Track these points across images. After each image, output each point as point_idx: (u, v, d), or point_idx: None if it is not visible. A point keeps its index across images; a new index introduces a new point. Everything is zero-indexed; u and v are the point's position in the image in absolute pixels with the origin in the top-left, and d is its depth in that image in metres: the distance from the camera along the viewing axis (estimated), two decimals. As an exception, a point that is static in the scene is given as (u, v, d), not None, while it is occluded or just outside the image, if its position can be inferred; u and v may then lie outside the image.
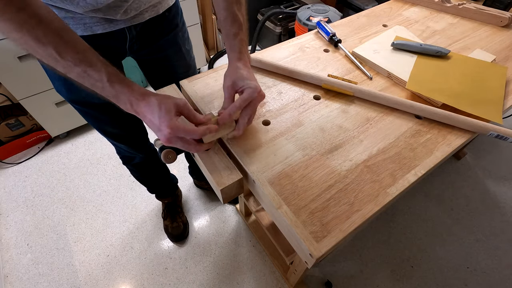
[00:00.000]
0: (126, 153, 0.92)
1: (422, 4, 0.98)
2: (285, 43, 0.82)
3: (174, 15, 0.70)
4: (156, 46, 0.70)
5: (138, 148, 0.88)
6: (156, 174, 1.08)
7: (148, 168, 1.01)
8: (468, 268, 1.11)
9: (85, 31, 0.55)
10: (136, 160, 0.94)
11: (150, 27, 0.65)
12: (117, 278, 1.10)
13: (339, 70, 0.73)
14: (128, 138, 0.83)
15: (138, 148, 0.88)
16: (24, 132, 1.51)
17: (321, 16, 1.54)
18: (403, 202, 1.30)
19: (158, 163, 1.04)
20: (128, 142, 0.84)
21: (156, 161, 1.02)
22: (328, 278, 1.08)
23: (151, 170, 1.04)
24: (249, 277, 1.09)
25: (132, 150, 0.88)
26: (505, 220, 1.24)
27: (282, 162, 0.53)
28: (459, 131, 0.59)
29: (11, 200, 1.34)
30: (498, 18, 0.86)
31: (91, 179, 1.41)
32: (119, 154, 0.95)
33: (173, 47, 0.73)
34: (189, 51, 0.79)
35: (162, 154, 0.50)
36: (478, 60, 0.73)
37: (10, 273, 1.12)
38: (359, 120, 0.61)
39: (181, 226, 1.20)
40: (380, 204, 0.48)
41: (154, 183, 1.13)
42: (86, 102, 0.67)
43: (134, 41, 0.64)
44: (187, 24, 1.62)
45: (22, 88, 1.27)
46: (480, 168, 1.43)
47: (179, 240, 1.20)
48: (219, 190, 0.49)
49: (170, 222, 1.20)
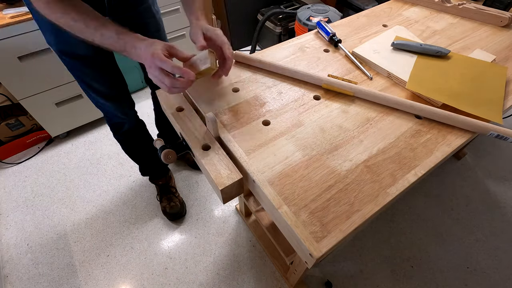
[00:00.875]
0: (115, 119, 0.97)
1: (422, 4, 0.98)
2: (285, 43, 0.82)
3: None
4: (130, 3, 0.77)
5: (124, 108, 0.94)
6: (145, 145, 1.12)
7: (137, 138, 1.08)
8: (468, 268, 1.11)
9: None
10: (125, 128, 1.00)
11: None
12: (117, 278, 1.10)
13: (339, 70, 0.73)
14: (113, 96, 0.88)
15: (125, 109, 0.95)
16: (24, 132, 1.51)
17: (321, 16, 1.54)
18: (403, 202, 1.30)
19: (146, 135, 1.12)
20: (113, 99, 0.89)
21: (144, 131, 1.10)
22: (328, 278, 1.08)
23: (140, 140, 1.09)
24: (249, 277, 1.09)
25: (119, 113, 0.94)
26: (505, 220, 1.24)
27: (282, 162, 0.53)
28: (459, 131, 0.59)
29: (11, 200, 1.34)
30: (498, 18, 0.86)
31: (91, 179, 1.41)
32: (109, 123, 1.01)
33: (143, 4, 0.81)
34: (158, 11, 0.88)
35: (162, 154, 0.50)
36: (478, 60, 0.73)
37: (10, 273, 1.12)
38: (359, 120, 0.61)
39: (178, 204, 1.23)
40: (380, 204, 0.48)
41: (144, 158, 1.17)
42: (73, 54, 0.74)
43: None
44: (187, 24, 1.63)
45: (22, 88, 1.27)
46: (480, 168, 1.43)
47: (177, 219, 1.23)
48: (219, 190, 0.49)
49: (167, 203, 1.23)
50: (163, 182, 1.28)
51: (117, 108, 0.92)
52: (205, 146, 0.55)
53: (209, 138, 0.56)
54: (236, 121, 0.61)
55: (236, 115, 0.62)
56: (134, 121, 1.02)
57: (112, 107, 0.91)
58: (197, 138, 0.56)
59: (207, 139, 0.56)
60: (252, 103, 0.64)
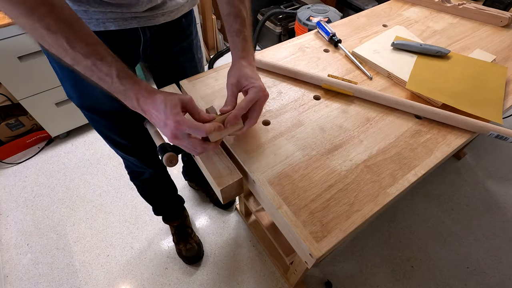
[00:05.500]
0: (135, 168, 0.87)
1: (422, 4, 0.98)
2: (285, 43, 0.82)
3: (190, 23, 0.69)
4: (170, 53, 0.69)
5: (147, 161, 0.83)
6: (165, 192, 1.03)
7: (157, 185, 0.97)
8: (468, 268, 1.11)
9: (97, 27, 0.52)
10: (145, 176, 0.90)
11: (165, 31, 0.63)
12: (117, 278, 1.10)
13: (339, 70, 0.73)
14: (136, 151, 0.78)
15: (147, 162, 0.84)
16: (24, 132, 1.51)
17: (321, 16, 1.54)
18: (403, 202, 1.29)
19: (168, 180, 1.01)
20: (136, 155, 0.79)
21: (166, 178, 0.99)
22: (328, 278, 1.08)
23: (160, 187, 0.99)
24: (249, 277, 1.09)
25: (141, 164, 0.84)
26: (505, 220, 1.24)
27: (282, 162, 0.53)
28: (459, 131, 0.59)
29: (11, 200, 1.34)
30: (498, 18, 0.86)
31: (91, 179, 1.41)
32: (128, 169, 0.91)
33: (187, 55, 0.73)
34: (201, 59, 0.80)
35: (164, 157, 0.50)
36: (478, 60, 0.73)
37: (10, 273, 1.12)
38: (359, 120, 0.61)
39: (195, 246, 1.12)
40: (380, 204, 0.48)
41: (161, 202, 1.07)
42: (96, 109, 0.64)
43: (148, 44, 0.63)
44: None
45: (22, 88, 1.27)
46: (480, 168, 1.43)
47: (195, 262, 1.13)
48: (219, 190, 0.49)
49: (184, 245, 1.13)
50: (178, 223, 1.16)
51: (139, 162, 0.82)
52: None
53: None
54: (236, 121, 0.60)
55: (236, 115, 0.62)
56: (155, 170, 0.90)
57: (134, 160, 0.82)
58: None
59: (207, 139, 0.56)
60: (252, 103, 0.64)
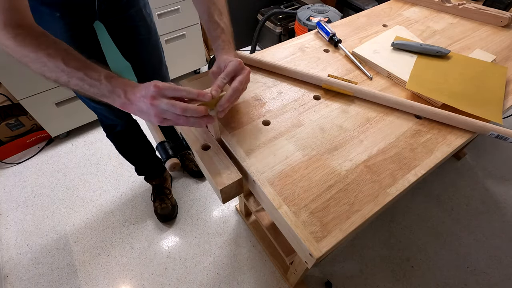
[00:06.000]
0: (108, 121, 0.98)
1: (422, 4, 0.98)
2: (285, 43, 0.82)
3: None
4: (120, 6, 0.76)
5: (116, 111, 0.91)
6: (139, 147, 1.13)
7: (130, 139, 1.08)
8: (468, 268, 1.11)
9: None
10: (117, 128, 1.00)
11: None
12: (117, 278, 1.10)
13: (339, 70, 0.73)
14: None
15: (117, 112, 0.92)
16: (24, 132, 1.51)
17: (321, 16, 1.54)
18: (403, 202, 1.29)
19: (140, 135, 1.12)
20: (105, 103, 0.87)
21: (138, 132, 1.10)
22: (328, 278, 1.08)
23: (133, 141, 1.10)
24: (249, 277, 1.09)
25: (111, 115, 0.93)
26: (505, 220, 1.24)
27: (282, 162, 0.53)
28: (459, 131, 0.59)
29: (11, 200, 1.34)
30: (498, 18, 0.86)
31: (91, 179, 1.41)
32: (102, 124, 1.02)
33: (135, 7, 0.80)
34: (150, 14, 0.86)
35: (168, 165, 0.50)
36: (478, 60, 0.73)
37: (10, 273, 1.12)
38: (359, 120, 0.61)
39: (169, 206, 1.24)
40: (380, 204, 0.48)
41: (138, 158, 1.18)
42: None
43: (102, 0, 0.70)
44: (187, 24, 1.63)
45: (22, 88, 1.27)
46: (480, 168, 1.43)
47: (167, 221, 1.24)
48: (219, 190, 0.49)
49: (159, 204, 1.24)
50: (157, 182, 1.29)
51: (109, 111, 0.91)
52: (205, 146, 0.55)
53: (209, 138, 0.56)
54: (236, 121, 0.61)
55: (236, 115, 0.62)
56: (127, 123, 1.02)
57: (104, 109, 0.90)
58: (197, 138, 0.56)
59: (207, 139, 0.56)
60: (252, 103, 0.64)
